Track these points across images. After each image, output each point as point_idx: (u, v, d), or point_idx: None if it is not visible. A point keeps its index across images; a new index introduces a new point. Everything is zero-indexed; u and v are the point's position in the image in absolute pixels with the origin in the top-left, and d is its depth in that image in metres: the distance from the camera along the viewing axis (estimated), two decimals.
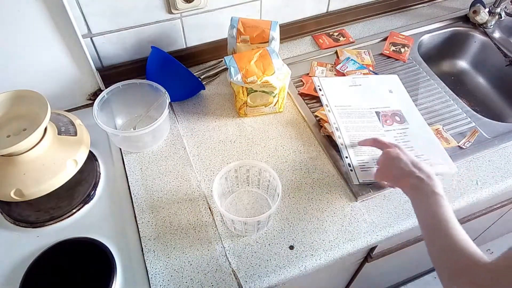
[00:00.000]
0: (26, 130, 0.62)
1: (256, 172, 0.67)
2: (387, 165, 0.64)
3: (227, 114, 0.84)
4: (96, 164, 0.75)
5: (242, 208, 0.70)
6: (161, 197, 0.70)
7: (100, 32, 0.79)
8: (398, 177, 0.62)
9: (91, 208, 0.69)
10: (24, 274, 0.59)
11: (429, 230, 0.55)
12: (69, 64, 0.77)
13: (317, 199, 0.70)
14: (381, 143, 0.68)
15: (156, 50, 0.79)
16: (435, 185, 0.57)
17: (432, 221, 0.54)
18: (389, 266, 1.04)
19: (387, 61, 0.96)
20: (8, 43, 0.69)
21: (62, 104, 0.81)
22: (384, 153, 0.65)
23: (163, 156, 0.77)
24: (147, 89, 0.77)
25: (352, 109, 0.82)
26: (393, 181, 0.64)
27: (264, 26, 0.80)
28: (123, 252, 0.63)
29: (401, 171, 0.61)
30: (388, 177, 0.65)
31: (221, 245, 0.64)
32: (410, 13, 1.09)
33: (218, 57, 0.95)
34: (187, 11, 0.83)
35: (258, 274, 0.61)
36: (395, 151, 0.64)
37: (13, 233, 0.66)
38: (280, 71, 0.75)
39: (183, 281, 0.60)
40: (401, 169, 0.61)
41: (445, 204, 0.55)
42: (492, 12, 1.02)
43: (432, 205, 0.55)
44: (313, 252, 0.63)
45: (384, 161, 0.65)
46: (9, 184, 0.62)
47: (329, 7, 1.01)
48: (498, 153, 0.77)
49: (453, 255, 0.50)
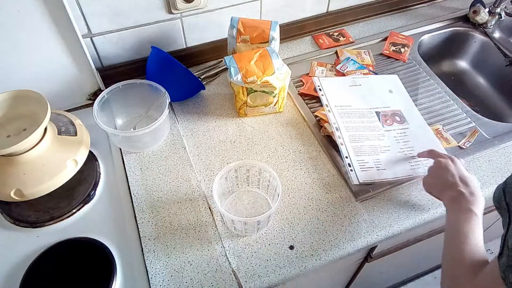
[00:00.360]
0: (26, 130, 0.62)
1: (256, 172, 0.67)
2: (434, 175, 0.63)
3: (227, 114, 0.84)
4: (96, 164, 0.75)
5: (242, 208, 0.70)
6: (161, 197, 0.70)
7: (100, 32, 0.79)
8: (442, 188, 0.60)
9: (91, 208, 0.69)
10: (24, 274, 0.59)
11: (447, 241, 0.54)
12: (69, 64, 0.77)
13: (317, 199, 0.70)
14: (435, 154, 0.67)
15: (156, 50, 0.79)
16: (474, 203, 0.55)
17: (452, 233, 0.53)
18: (389, 266, 1.04)
19: (387, 61, 0.96)
20: (8, 43, 0.69)
21: (62, 104, 0.81)
22: (434, 162, 0.64)
23: (163, 156, 0.77)
24: (147, 89, 0.77)
25: (352, 109, 0.82)
26: (437, 191, 0.62)
27: (264, 26, 0.80)
28: (123, 252, 0.63)
29: (446, 182, 0.59)
30: (434, 187, 0.63)
31: (221, 245, 0.64)
32: (410, 13, 1.09)
33: (218, 57, 0.95)
34: (187, 11, 0.83)
35: (258, 274, 0.61)
36: (446, 161, 0.62)
37: (13, 233, 0.66)
38: (280, 71, 0.75)
39: (183, 281, 0.60)
40: (446, 180, 0.59)
41: (476, 222, 0.53)
42: (492, 12, 1.02)
43: (461, 221, 0.53)
44: (313, 252, 0.63)
45: (432, 171, 0.64)
46: (9, 184, 0.62)
47: (329, 7, 1.01)
48: (498, 153, 0.77)
49: (455, 267, 0.50)
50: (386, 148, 0.76)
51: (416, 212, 0.68)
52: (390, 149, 0.75)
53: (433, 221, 0.69)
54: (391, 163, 0.73)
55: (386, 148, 0.76)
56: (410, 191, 0.71)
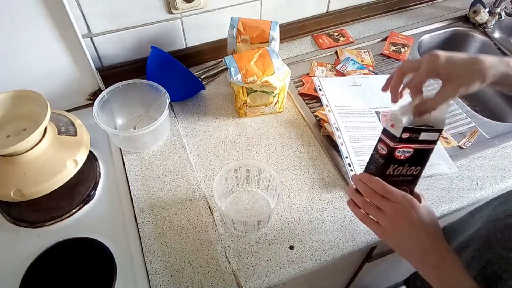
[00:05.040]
0: (26, 130, 0.62)
1: (256, 172, 0.67)
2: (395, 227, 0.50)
3: (227, 114, 0.84)
4: (96, 164, 0.75)
5: (242, 208, 0.70)
6: (161, 197, 0.70)
7: (100, 32, 0.79)
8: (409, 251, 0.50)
9: (91, 208, 0.69)
10: (24, 274, 0.59)
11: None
12: (69, 64, 0.77)
13: (317, 199, 0.70)
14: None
15: (156, 50, 0.79)
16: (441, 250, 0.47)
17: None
18: (389, 266, 1.04)
19: (387, 61, 0.96)
20: (8, 43, 0.69)
21: (62, 104, 0.81)
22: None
23: (163, 156, 0.77)
24: (147, 89, 0.77)
25: (352, 109, 0.82)
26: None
27: (264, 26, 0.80)
28: (123, 252, 0.63)
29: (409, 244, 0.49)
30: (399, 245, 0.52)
31: (221, 245, 0.64)
32: (410, 13, 1.09)
33: (218, 57, 0.95)
34: (187, 11, 0.83)
35: (258, 274, 0.61)
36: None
37: (13, 233, 0.66)
38: (280, 71, 0.75)
39: (183, 281, 0.60)
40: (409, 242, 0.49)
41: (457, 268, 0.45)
42: (492, 12, 1.02)
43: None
44: (313, 252, 0.63)
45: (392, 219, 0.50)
46: (9, 184, 0.62)
47: (329, 7, 1.01)
48: (498, 153, 0.77)
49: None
50: None
51: None
52: None
53: None
54: None
55: None
56: None
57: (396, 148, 0.49)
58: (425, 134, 0.50)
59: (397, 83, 0.54)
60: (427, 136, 0.50)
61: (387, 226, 0.49)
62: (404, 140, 0.49)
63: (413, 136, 0.49)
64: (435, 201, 0.69)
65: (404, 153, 0.50)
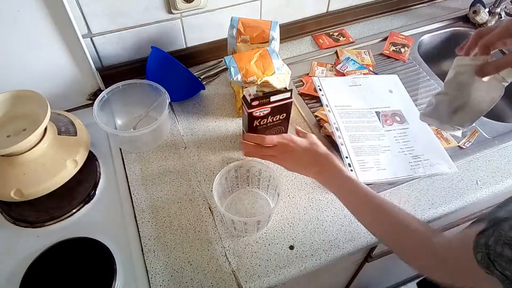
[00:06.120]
0: (26, 130, 0.62)
1: (256, 172, 0.67)
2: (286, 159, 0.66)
3: (227, 114, 0.84)
4: (96, 164, 0.75)
5: (242, 208, 0.70)
6: (161, 197, 0.70)
7: (100, 32, 0.79)
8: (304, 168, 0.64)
9: (91, 208, 0.69)
10: (24, 274, 0.59)
11: (369, 216, 0.56)
12: (69, 64, 0.77)
13: (317, 199, 0.70)
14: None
15: (156, 50, 0.79)
16: (336, 166, 0.60)
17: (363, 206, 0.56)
18: (389, 266, 1.04)
19: (387, 61, 0.96)
20: (8, 43, 0.69)
21: (62, 104, 0.81)
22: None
23: (163, 156, 0.77)
24: (147, 89, 0.77)
25: (352, 109, 0.82)
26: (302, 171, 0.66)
27: (264, 26, 0.80)
28: (123, 252, 0.63)
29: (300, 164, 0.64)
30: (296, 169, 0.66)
31: (221, 245, 0.64)
32: (410, 13, 1.09)
33: (218, 57, 0.95)
34: (187, 11, 0.83)
35: (258, 274, 0.61)
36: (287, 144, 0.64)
37: (13, 233, 0.66)
38: (280, 71, 0.75)
39: (183, 281, 0.60)
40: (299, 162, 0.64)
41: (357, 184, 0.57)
42: (492, 12, 1.02)
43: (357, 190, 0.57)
44: (313, 252, 0.63)
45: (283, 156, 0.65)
46: (9, 184, 0.62)
47: (329, 7, 1.01)
48: (498, 153, 0.77)
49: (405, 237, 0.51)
50: (386, 148, 0.76)
51: (415, 212, 0.68)
52: (390, 149, 0.75)
53: (433, 221, 0.69)
54: (391, 163, 0.73)
55: (386, 148, 0.76)
56: (410, 191, 0.71)
57: (252, 111, 0.65)
58: (276, 97, 0.65)
59: (471, 45, 0.58)
60: (279, 97, 0.66)
61: (279, 162, 0.65)
62: (255, 106, 0.65)
63: (263, 101, 0.65)
64: (435, 201, 0.69)
65: (262, 112, 0.66)
